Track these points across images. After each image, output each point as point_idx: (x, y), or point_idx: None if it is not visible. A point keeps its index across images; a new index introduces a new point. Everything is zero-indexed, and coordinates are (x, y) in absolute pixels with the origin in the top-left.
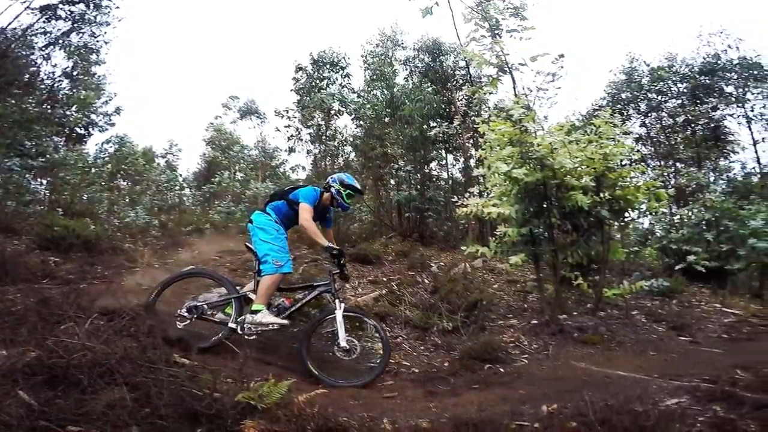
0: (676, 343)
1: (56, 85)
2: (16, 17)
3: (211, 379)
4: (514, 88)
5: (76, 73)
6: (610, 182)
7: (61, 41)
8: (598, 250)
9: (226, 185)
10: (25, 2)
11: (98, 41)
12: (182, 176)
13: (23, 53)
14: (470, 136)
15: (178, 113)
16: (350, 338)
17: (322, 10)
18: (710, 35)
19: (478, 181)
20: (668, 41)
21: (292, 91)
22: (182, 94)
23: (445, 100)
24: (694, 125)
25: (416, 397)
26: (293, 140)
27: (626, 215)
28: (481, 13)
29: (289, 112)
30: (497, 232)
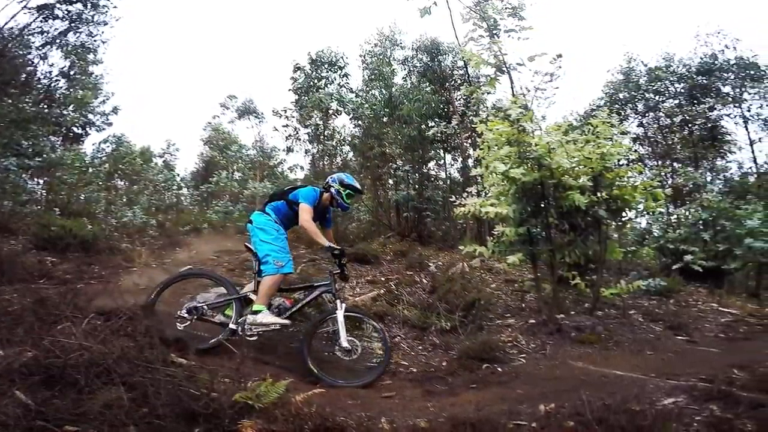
0: (673, 342)
1: (53, 84)
2: (12, 17)
3: (208, 378)
4: (512, 88)
5: (73, 72)
6: (607, 182)
7: (58, 41)
8: (595, 249)
9: (223, 185)
10: (22, 1)
11: (96, 41)
12: (180, 176)
13: (20, 53)
14: (468, 135)
15: (175, 113)
16: (351, 338)
17: (320, 9)
18: (707, 35)
19: (476, 180)
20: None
21: (290, 90)
22: (180, 93)
23: (443, 99)
24: (691, 125)
25: (414, 396)
26: (291, 140)
27: (623, 215)
28: (479, 13)
29: (287, 111)
30: (495, 231)
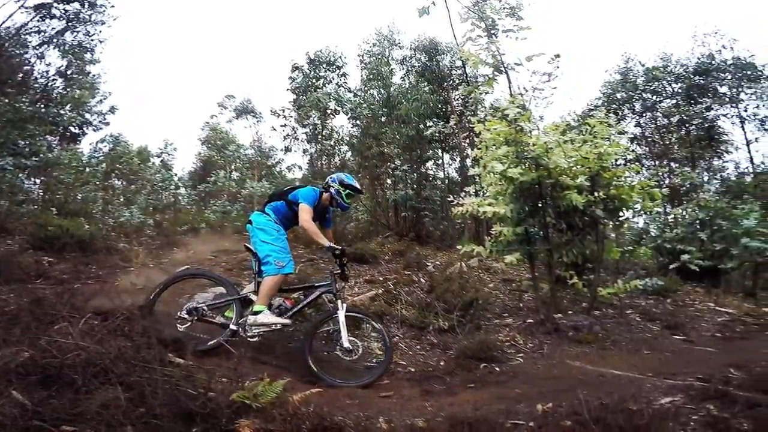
0: (670, 341)
1: (50, 84)
2: (9, 16)
3: (205, 378)
4: (509, 87)
5: (70, 72)
6: (604, 182)
7: (55, 40)
8: (592, 249)
9: (221, 184)
10: (19, 1)
11: (93, 40)
12: (177, 175)
13: (17, 52)
14: (466, 135)
15: (173, 112)
16: (353, 338)
17: (318, 9)
18: (705, 36)
19: (474, 180)
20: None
21: (288, 90)
22: (178, 93)
23: (441, 99)
24: (688, 125)
25: (412, 396)
26: (289, 139)
27: (621, 214)
28: (477, 12)
29: (285, 111)
30: (493, 231)
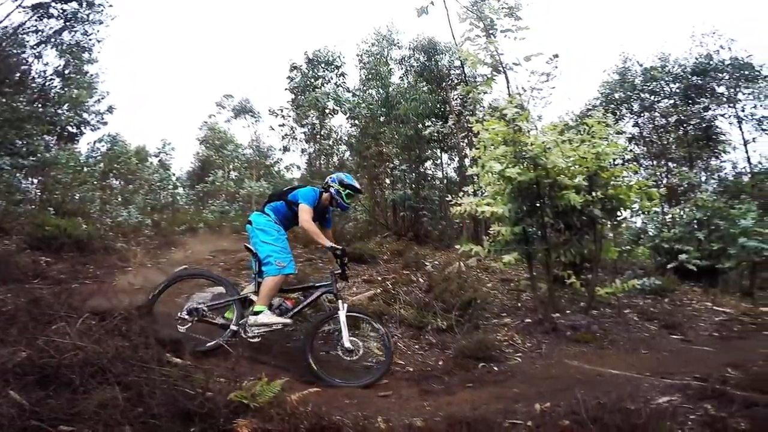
0: (667, 341)
1: (48, 83)
2: (7, 15)
3: (203, 378)
4: (508, 87)
5: (68, 71)
6: (602, 181)
7: (53, 39)
8: (590, 248)
9: (219, 184)
10: (16, 0)
11: (91, 40)
12: (175, 175)
13: (14, 51)
14: (465, 135)
15: (171, 112)
16: (354, 339)
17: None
18: (703, 36)
19: (472, 180)
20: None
21: (286, 89)
22: (176, 92)
23: (440, 99)
24: (686, 125)
25: (410, 395)
26: (288, 139)
27: (618, 214)
28: (476, 12)
29: (283, 111)
30: (491, 231)
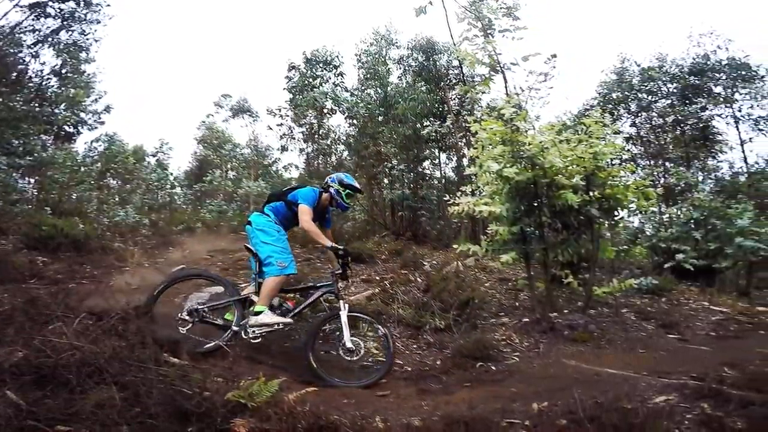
0: (664, 340)
1: (45, 83)
2: (4, 15)
3: (201, 378)
4: (506, 87)
5: (65, 71)
6: (599, 181)
7: (50, 39)
8: (588, 248)
9: (217, 184)
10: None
11: (88, 39)
12: (173, 175)
13: (11, 51)
14: (463, 135)
15: (169, 111)
16: (355, 339)
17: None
18: (700, 36)
19: (470, 179)
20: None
21: (284, 89)
22: (174, 92)
23: (438, 99)
24: (683, 125)
25: (408, 395)
26: (286, 139)
27: (616, 214)
28: (474, 12)
29: (281, 110)
30: (489, 230)
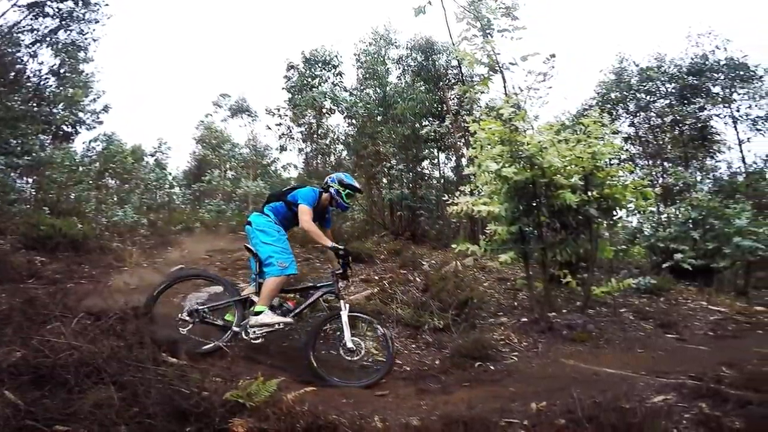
0: (663, 340)
1: (43, 82)
2: (2, 14)
3: (199, 377)
4: (504, 87)
5: (63, 70)
6: (598, 181)
7: (48, 38)
8: (586, 248)
9: (216, 184)
10: None
11: (86, 39)
12: (172, 175)
13: (9, 50)
14: (462, 134)
15: (168, 111)
16: (355, 339)
17: (314, 8)
18: (699, 36)
19: (469, 179)
20: (657, 42)
21: (283, 89)
22: (172, 91)
23: (437, 99)
24: (681, 125)
25: (407, 395)
26: (285, 138)
27: (614, 214)
28: (473, 12)
29: (280, 110)
30: (488, 230)
